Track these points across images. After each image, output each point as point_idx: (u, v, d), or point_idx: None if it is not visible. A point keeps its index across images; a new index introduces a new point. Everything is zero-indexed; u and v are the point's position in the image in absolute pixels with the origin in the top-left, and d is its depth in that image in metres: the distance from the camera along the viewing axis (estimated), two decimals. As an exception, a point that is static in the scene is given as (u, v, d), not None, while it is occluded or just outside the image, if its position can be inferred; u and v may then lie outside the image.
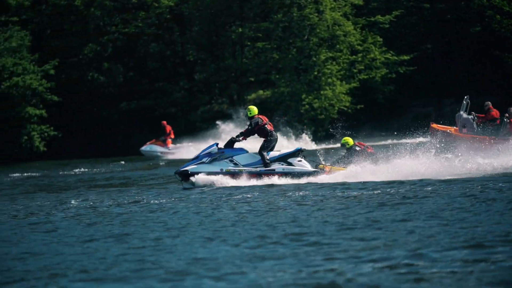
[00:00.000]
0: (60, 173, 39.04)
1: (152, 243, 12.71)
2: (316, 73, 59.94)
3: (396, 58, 61.49)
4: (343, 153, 24.57)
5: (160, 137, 51.53)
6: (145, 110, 61.65)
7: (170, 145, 50.82)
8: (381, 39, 61.87)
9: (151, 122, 59.44)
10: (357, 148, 24.13)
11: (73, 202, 20.47)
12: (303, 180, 22.66)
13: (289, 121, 58.55)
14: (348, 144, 24.26)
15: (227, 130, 56.08)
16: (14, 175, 39.27)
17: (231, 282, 9.70)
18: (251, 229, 13.66)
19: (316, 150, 30.19)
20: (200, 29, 63.01)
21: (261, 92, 62.11)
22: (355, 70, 61.47)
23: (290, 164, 23.23)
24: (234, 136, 23.61)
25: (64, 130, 60.68)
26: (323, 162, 23.63)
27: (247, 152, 23.51)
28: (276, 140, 23.62)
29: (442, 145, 23.82)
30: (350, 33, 60.89)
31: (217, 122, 57.23)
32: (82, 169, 40.71)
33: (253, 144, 24.21)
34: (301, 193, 19.35)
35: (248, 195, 19.48)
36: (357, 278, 9.49)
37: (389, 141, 48.50)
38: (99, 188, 26.07)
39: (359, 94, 61.04)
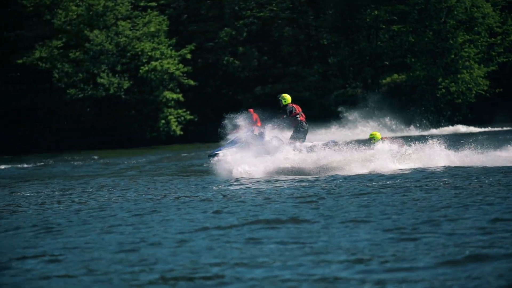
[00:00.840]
0: (201, 156, 39.53)
1: (311, 227, 12.71)
2: (453, 56, 58.79)
3: (538, 40, 59.72)
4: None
5: None
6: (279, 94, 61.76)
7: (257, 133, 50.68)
8: (522, 21, 60.17)
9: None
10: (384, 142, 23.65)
11: (214, 188, 20.62)
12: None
13: (425, 106, 57.71)
14: (375, 139, 23.75)
15: (350, 119, 55.52)
16: (152, 157, 40.04)
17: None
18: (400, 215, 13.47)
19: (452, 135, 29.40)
20: (335, 12, 62.68)
21: (396, 76, 61.34)
22: (494, 53, 59.94)
23: None
24: (270, 124, 23.44)
25: (200, 114, 61.56)
26: None
27: (280, 140, 23.30)
28: (306, 131, 23.21)
29: None
30: (489, 15, 59.37)
31: (339, 108, 56.88)
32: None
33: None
34: (441, 181, 18.90)
35: (389, 182, 19.20)
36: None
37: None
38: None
39: (498, 77, 59.53)
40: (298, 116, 23.27)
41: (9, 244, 12.71)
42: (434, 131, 54.00)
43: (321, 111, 59.59)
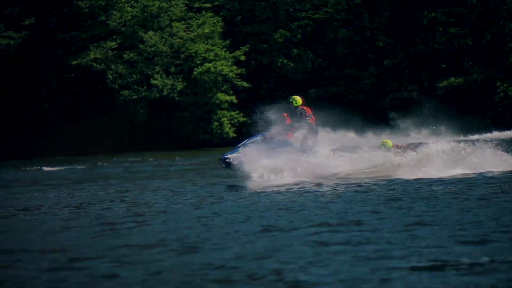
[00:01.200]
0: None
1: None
2: (512, 59, 58.16)
3: None
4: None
5: None
6: (334, 97, 61.50)
7: (291, 138, 50.29)
8: None
9: (339, 109, 59.29)
10: (397, 151, 23.26)
11: (271, 190, 20.47)
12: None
13: (483, 111, 57.06)
14: (386, 147, 23.40)
15: (402, 127, 54.78)
16: (207, 159, 40.10)
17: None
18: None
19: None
20: (391, 14, 62.21)
21: (452, 79, 60.63)
22: (554, 56, 59.20)
23: None
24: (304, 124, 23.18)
25: (253, 116, 61.42)
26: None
27: (292, 145, 23.01)
28: (316, 133, 23.03)
29: None
30: (549, 17, 58.67)
31: (391, 115, 56.34)
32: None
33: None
34: (502, 186, 18.51)
35: (449, 187, 18.87)
36: None
37: None
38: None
39: (559, 81, 58.77)
40: (308, 118, 23.17)
41: (72, 243, 12.69)
42: (496, 133, 53.29)
43: (376, 114, 59.17)
